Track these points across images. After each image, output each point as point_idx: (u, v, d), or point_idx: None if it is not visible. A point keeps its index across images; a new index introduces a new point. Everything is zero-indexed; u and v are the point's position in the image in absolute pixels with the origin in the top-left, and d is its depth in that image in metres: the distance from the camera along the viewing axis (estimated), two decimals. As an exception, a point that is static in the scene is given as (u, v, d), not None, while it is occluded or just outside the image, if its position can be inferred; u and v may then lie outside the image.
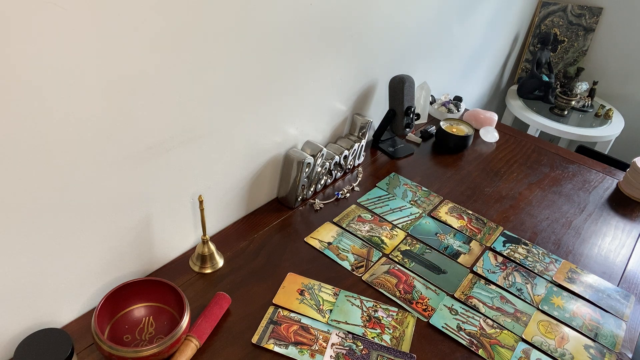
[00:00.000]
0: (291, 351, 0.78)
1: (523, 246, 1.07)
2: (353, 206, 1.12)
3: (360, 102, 1.26)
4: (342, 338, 0.82)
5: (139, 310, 0.80)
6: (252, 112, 0.93)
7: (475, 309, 0.90)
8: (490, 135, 1.47)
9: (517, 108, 2.12)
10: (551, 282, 0.98)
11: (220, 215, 1.01)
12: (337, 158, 1.15)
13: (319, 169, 1.10)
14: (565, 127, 2.00)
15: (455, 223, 1.11)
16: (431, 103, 1.59)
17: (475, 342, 0.84)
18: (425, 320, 0.87)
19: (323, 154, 1.07)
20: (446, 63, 1.63)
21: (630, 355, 0.86)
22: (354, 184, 1.19)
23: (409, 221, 1.10)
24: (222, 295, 0.84)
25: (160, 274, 0.91)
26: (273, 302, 0.87)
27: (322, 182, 1.15)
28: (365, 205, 1.13)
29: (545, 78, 2.14)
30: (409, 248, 1.02)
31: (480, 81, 2.06)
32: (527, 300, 0.94)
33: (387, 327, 0.85)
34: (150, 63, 0.69)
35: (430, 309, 0.89)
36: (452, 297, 0.92)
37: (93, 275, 0.81)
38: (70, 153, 0.66)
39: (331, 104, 1.15)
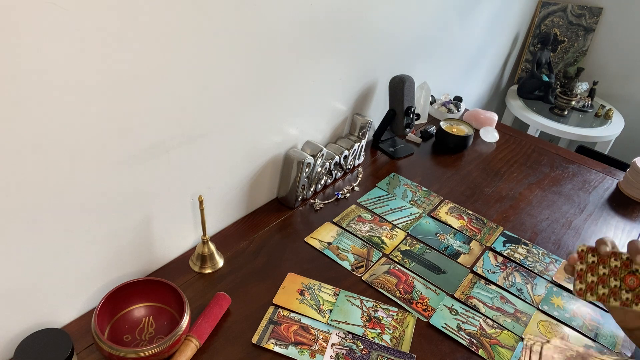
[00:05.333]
0: (291, 351, 0.78)
1: (523, 246, 1.07)
2: (353, 206, 1.12)
3: (360, 102, 1.26)
4: (342, 338, 0.82)
5: (139, 310, 0.80)
6: (252, 112, 0.93)
7: (475, 309, 0.90)
8: (490, 135, 1.47)
9: (517, 108, 2.12)
10: (551, 282, 0.98)
11: (220, 215, 1.01)
12: (337, 158, 1.15)
13: (319, 169, 1.10)
14: (565, 127, 2.00)
15: (455, 223, 1.11)
16: (431, 103, 1.59)
17: (475, 342, 0.84)
18: (425, 320, 0.87)
19: (323, 154, 1.07)
20: (446, 63, 1.63)
21: (629, 355, 0.86)
22: (354, 184, 1.19)
23: (409, 221, 1.10)
24: (222, 295, 0.84)
25: (160, 274, 0.91)
26: (273, 302, 0.87)
27: (322, 182, 1.15)
28: (365, 205, 1.13)
29: (545, 78, 2.14)
30: (409, 248, 1.02)
31: (480, 81, 2.06)
32: (527, 300, 0.94)
33: (387, 327, 0.85)
34: (151, 63, 0.69)
35: (430, 309, 0.89)
36: (452, 297, 0.92)
37: (93, 275, 0.81)
38: (70, 153, 0.66)
39: (331, 104, 1.15)
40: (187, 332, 0.76)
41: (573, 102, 2.06)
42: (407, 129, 1.29)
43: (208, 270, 0.92)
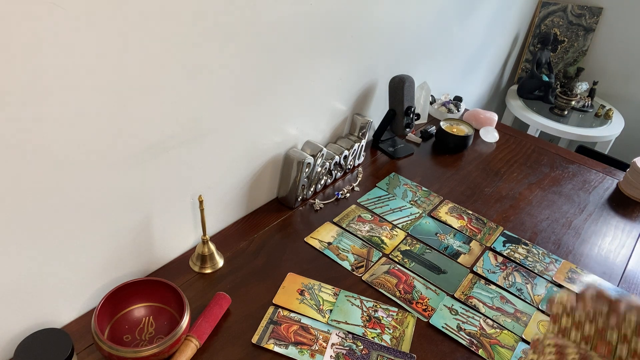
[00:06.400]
0: (291, 351, 0.78)
1: (523, 246, 1.07)
2: (353, 206, 1.12)
3: (360, 102, 1.26)
4: (342, 338, 0.82)
5: (139, 310, 0.80)
6: (252, 112, 0.93)
7: (475, 309, 0.90)
8: (490, 135, 1.47)
9: (517, 108, 2.12)
10: (551, 282, 0.98)
11: (220, 215, 1.01)
12: (337, 158, 1.15)
13: (319, 169, 1.10)
14: (565, 127, 2.00)
15: (455, 223, 1.11)
16: (431, 103, 1.59)
17: (475, 342, 0.84)
18: (425, 320, 0.87)
19: (323, 154, 1.07)
20: (446, 63, 1.63)
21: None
22: (354, 184, 1.19)
23: (409, 221, 1.10)
24: (222, 295, 0.84)
25: (160, 274, 0.91)
26: (273, 302, 0.87)
27: (322, 182, 1.15)
28: (365, 205, 1.13)
29: (545, 78, 2.14)
30: (409, 248, 1.02)
31: (480, 81, 2.06)
32: (527, 300, 0.94)
33: (387, 327, 0.85)
34: (150, 63, 0.69)
35: (430, 309, 0.89)
36: (452, 297, 0.92)
37: (93, 275, 0.81)
38: (70, 153, 0.66)
39: (331, 104, 1.15)
40: (187, 332, 0.76)
41: (573, 102, 2.06)
42: (407, 129, 1.29)
43: (208, 270, 0.92)
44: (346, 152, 1.17)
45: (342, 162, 1.18)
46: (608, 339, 0.58)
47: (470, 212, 1.15)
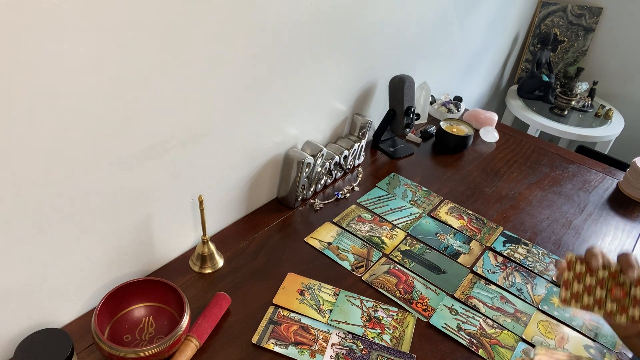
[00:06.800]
0: (291, 351, 0.78)
1: (523, 246, 1.07)
2: (353, 206, 1.12)
3: (360, 102, 1.26)
4: (342, 338, 0.82)
5: (139, 310, 0.80)
6: (252, 112, 0.93)
7: (475, 309, 0.90)
8: (490, 135, 1.47)
9: (517, 108, 2.12)
10: (551, 282, 0.98)
11: (220, 215, 1.01)
12: (337, 158, 1.14)
13: (319, 169, 1.10)
14: (565, 127, 2.00)
15: (455, 223, 1.11)
16: (431, 103, 1.59)
17: (475, 342, 0.84)
18: (425, 320, 0.87)
19: (323, 154, 1.07)
20: (446, 63, 1.63)
21: (630, 355, 0.86)
22: (354, 184, 1.19)
23: (409, 221, 1.10)
24: (222, 295, 0.84)
25: (160, 274, 0.91)
26: (273, 302, 0.87)
27: (322, 182, 1.15)
28: (365, 205, 1.13)
29: (545, 78, 2.14)
30: (409, 248, 1.02)
31: (480, 81, 2.06)
32: (527, 300, 0.94)
33: (387, 327, 0.85)
34: (151, 63, 0.69)
35: (430, 309, 0.89)
36: (452, 297, 0.92)
37: (93, 275, 0.81)
38: (70, 153, 0.66)
39: (331, 104, 1.15)
40: (187, 332, 0.76)
41: (573, 102, 2.06)
42: (407, 129, 1.29)
43: (208, 270, 0.92)
44: (346, 152, 1.17)
45: (342, 162, 1.18)
46: (622, 281, 0.61)
47: (470, 212, 1.15)
